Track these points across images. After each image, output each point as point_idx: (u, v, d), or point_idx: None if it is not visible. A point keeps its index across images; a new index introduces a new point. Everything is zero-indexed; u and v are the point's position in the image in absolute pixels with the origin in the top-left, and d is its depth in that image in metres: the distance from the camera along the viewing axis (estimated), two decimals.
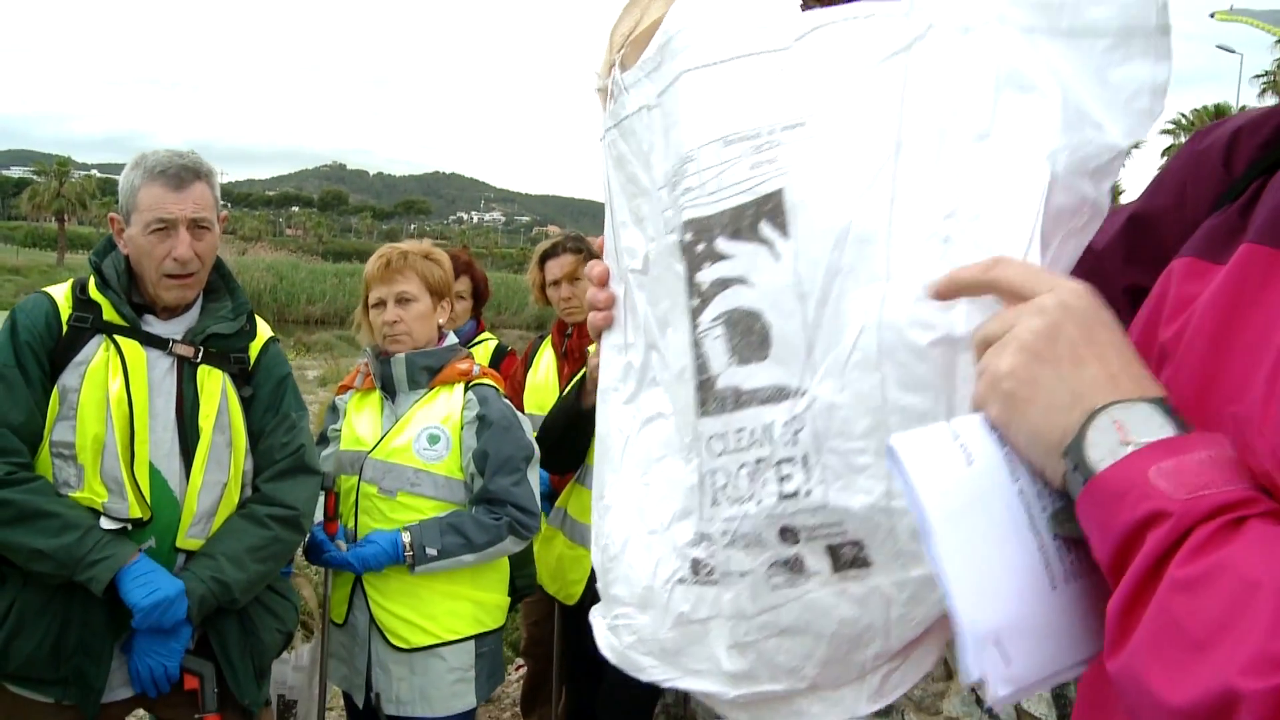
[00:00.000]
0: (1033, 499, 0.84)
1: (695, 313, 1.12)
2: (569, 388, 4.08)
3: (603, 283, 1.29)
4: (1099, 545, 0.78)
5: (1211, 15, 0.97)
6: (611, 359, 1.28)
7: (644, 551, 1.19)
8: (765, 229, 1.04)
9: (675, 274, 1.15)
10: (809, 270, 1.01)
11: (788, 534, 1.03)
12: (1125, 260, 1.12)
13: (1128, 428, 0.78)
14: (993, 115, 0.95)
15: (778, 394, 1.03)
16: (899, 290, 0.95)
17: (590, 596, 3.99)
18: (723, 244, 1.08)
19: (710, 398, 1.10)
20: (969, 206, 0.94)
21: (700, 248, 1.11)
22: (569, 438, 3.94)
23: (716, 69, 1.12)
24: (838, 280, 0.99)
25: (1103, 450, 0.77)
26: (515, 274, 61.61)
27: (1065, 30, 0.94)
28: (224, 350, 3.11)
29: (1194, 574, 0.69)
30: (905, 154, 0.98)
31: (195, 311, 3.13)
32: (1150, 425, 0.78)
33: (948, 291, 0.91)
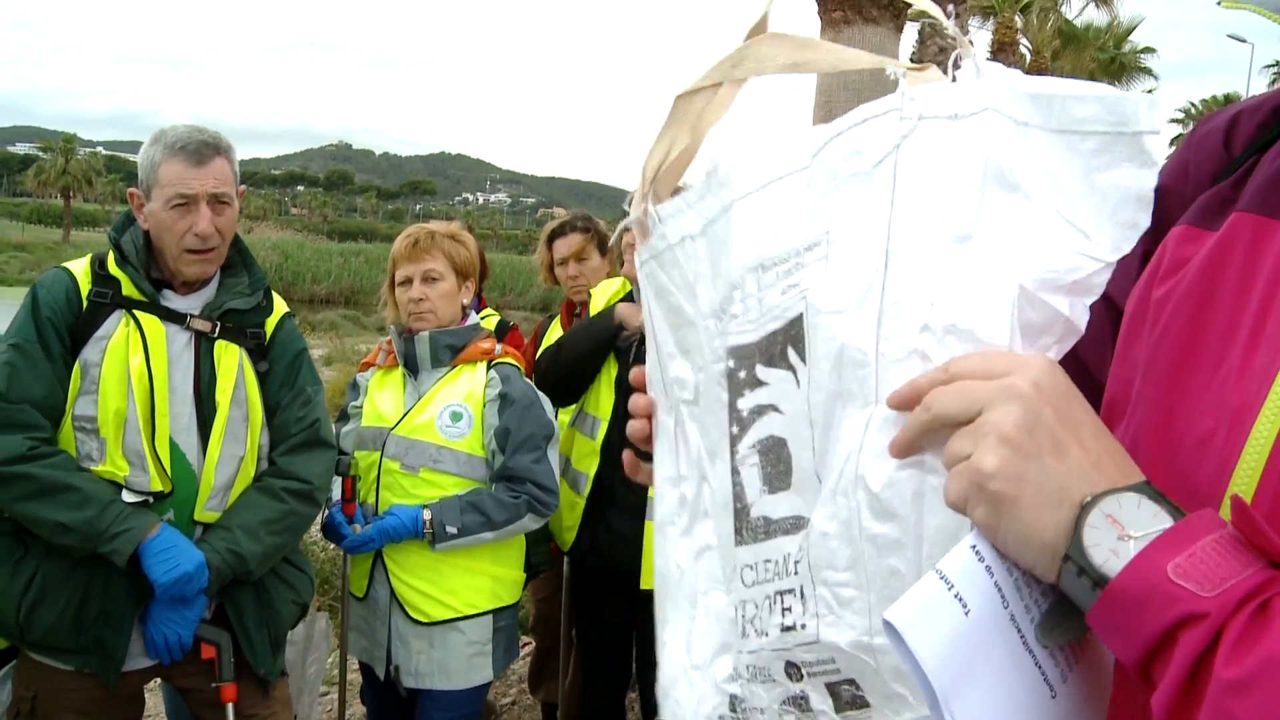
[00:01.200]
0: (1022, 616, 0.82)
1: (735, 440, 1.10)
2: (598, 314, 4.13)
3: (646, 415, 1.27)
4: (1122, 649, 0.77)
5: (1218, 2, 0.99)
6: (666, 492, 1.25)
7: (689, 688, 1.17)
8: (791, 355, 1.02)
9: (720, 403, 1.13)
10: (816, 396, 0.98)
11: (792, 670, 1.02)
12: None
13: (1123, 521, 0.77)
14: (976, 215, 0.92)
15: (796, 524, 1.01)
16: (882, 414, 0.92)
17: (583, 546, 4.07)
18: (760, 370, 1.07)
19: (745, 526, 1.08)
20: (943, 319, 0.90)
21: (742, 375, 1.10)
22: (582, 365, 4.04)
23: (759, 194, 1.11)
24: (838, 406, 0.97)
25: (1104, 550, 0.76)
26: (521, 255, 61.56)
27: (1056, 127, 0.92)
28: (241, 325, 3.14)
29: (1245, 674, 0.69)
30: (893, 264, 0.95)
31: (213, 287, 3.16)
32: (1144, 515, 0.77)
33: (909, 403, 0.88)
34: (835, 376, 0.96)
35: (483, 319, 5.17)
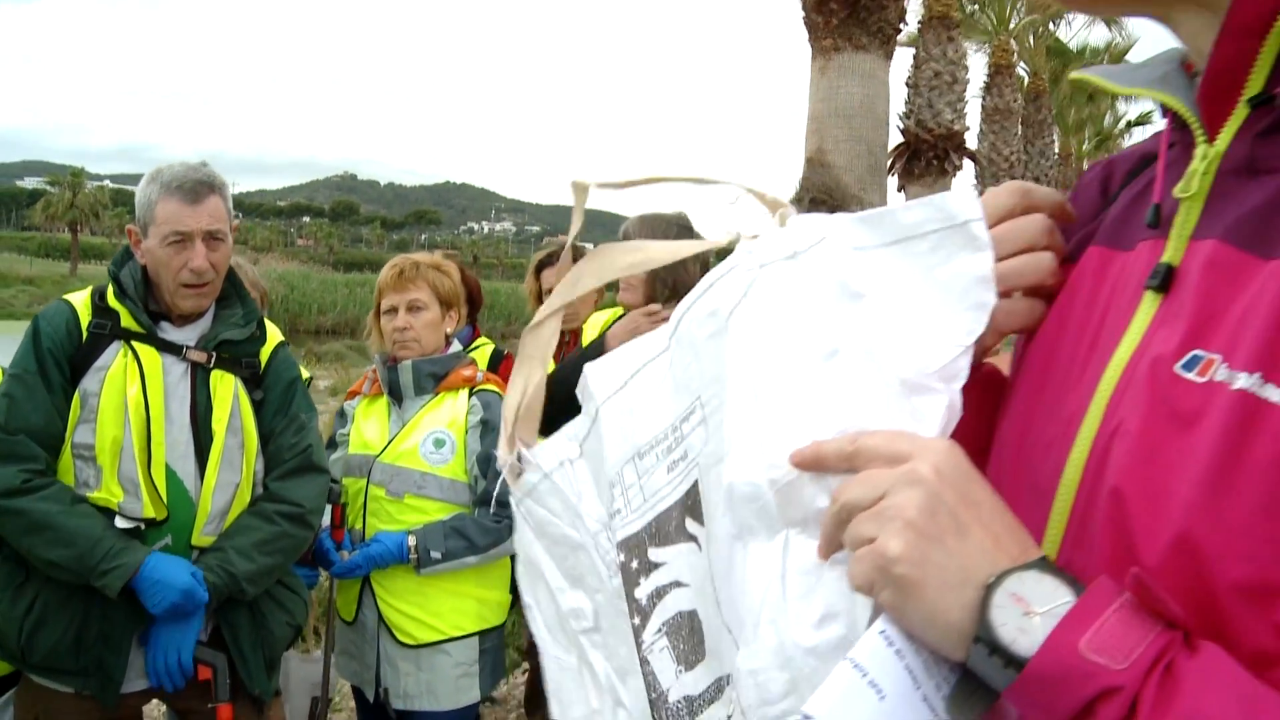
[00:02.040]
0: (933, 695, 0.84)
1: (638, 632, 1.11)
2: (589, 345, 4.21)
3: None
4: None
5: (1073, 79, 1.07)
6: None
7: None
8: (689, 524, 1.04)
9: (622, 614, 1.13)
10: (718, 549, 1.00)
11: None
12: None
13: (1027, 598, 0.80)
14: (837, 331, 0.96)
15: (719, 688, 1.02)
16: (796, 531, 0.94)
17: None
18: (654, 553, 1.08)
19: (666, 717, 1.08)
20: (829, 427, 0.92)
21: (634, 565, 1.10)
22: (576, 398, 4.08)
23: (623, 392, 1.16)
24: (739, 547, 0.98)
25: (1012, 629, 0.79)
26: None
27: (890, 240, 0.97)
28: (236, 355, 3.24)
29: None
30: (763, 397, 0.98)
31: (208, 319, 3.26)
32: (1045, 590, 0.80)
33: (812, 463, 0.92)
34: (730, 519, 0.98)
35: (477, 348, 5.29)
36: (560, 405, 4.34)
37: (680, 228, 4.07)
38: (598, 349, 4.10)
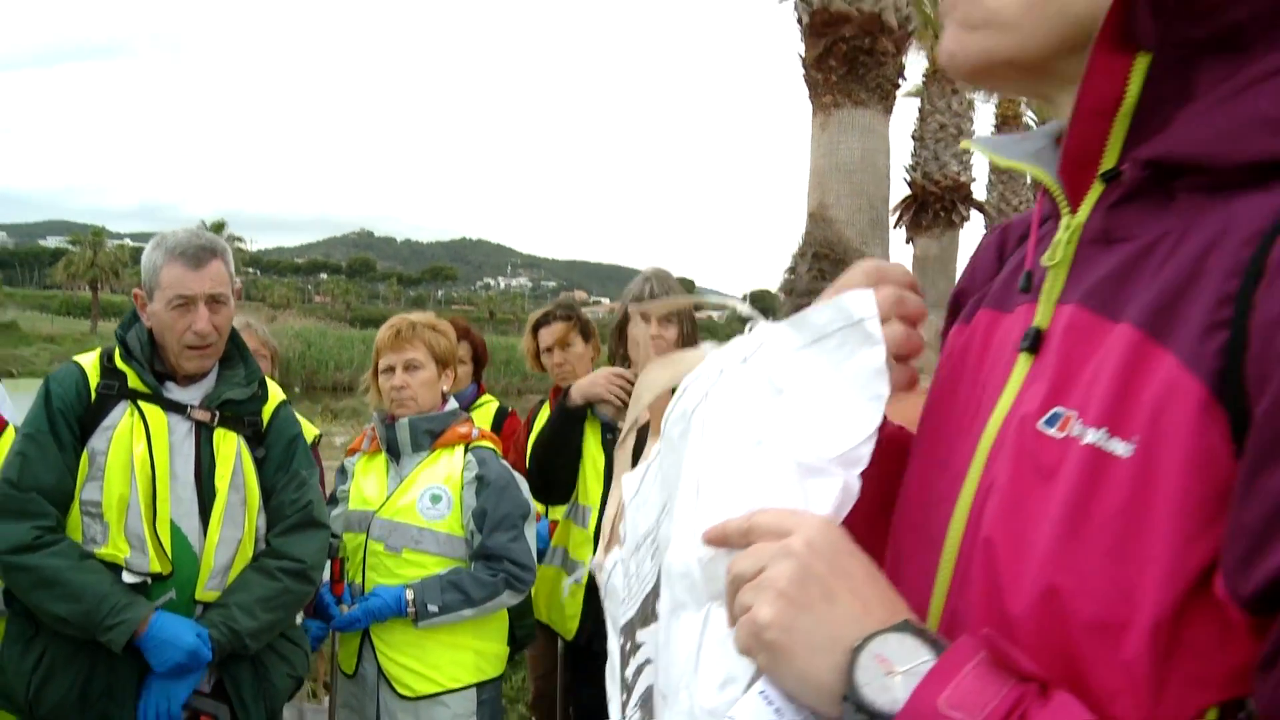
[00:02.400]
0: None
1: (624, 707, 1.19)
2: (560, 397, 4.32)
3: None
4: None
5: (962, 148, 1.17)
6: None
7: None
8: (658, 605, 1.13)
9: (618, 690, 1.22)
10: (661, 622, 1.09)
11: None
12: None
13: (890, 659, 0.85)
14: (765, 423, 1.05)
15: None
16: (717, 612, 1.02)
17: (586, 632, 4.21)
18: (639, 634, 1.18)
19: None
20: (745, 510, 1.00)
21: (628, 646, 1.20)
22: (557, 453, 4.19)
23: (640, 490, 1.27)
24: (674, 621, 1.06)
25: (875, 688, 0.84)
26: None
27: (810, 340, 1.06)
28: (238, 414, 3.35)
29: None
30: (704, 487, 1.07)
31: (212, 378, 3.38)
32: (907, 651, 0.86)
33: (719, 540, 1.00)
34: (669, 595, 1.08)
35: (481, 405, 5.40)
36: (547, 464, 4.42)
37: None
38: (563, 399, 4.21)
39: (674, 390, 1.25)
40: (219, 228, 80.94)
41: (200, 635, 3.09)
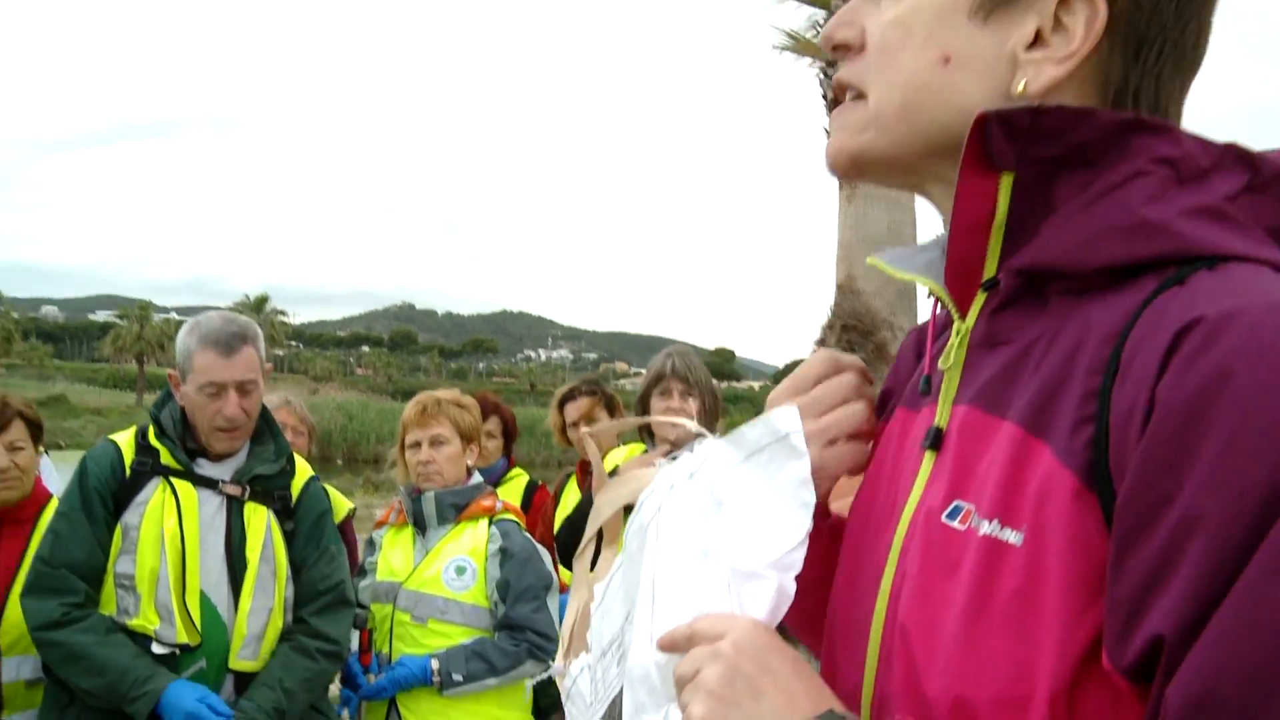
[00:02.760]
0: None
1: None
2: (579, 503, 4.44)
3: None
4: None
5: (869, 264, 1.26)
6: None
7: None
8: (624, 709, 1.18)
9: None
10: None
11: None
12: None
13: None
14: (708, 534, 1.13)
15: None
16: (674, 714, 1.08)
17: None
18: None
19: None
20: (691, 616, 1.08)
21: None
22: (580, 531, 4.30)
23: (604, 598, 1.35)
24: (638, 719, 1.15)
25: None
26: None
27: (745, 455, 1.16)
28: (268, 489, 3.49)
29: None
30: (659, 594, 1.16)
31: (243, 454, 3.52)
32: None
33: (669, 646, 1.08)
34: (631, 698, 1.15)
35: (512, 478, 5.52)
36: (567, 543, 4.53)
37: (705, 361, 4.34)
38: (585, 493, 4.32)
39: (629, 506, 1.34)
40: (263, 301, 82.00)
41: (205, 700, 3.20)
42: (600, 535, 1.45)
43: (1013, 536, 0.92)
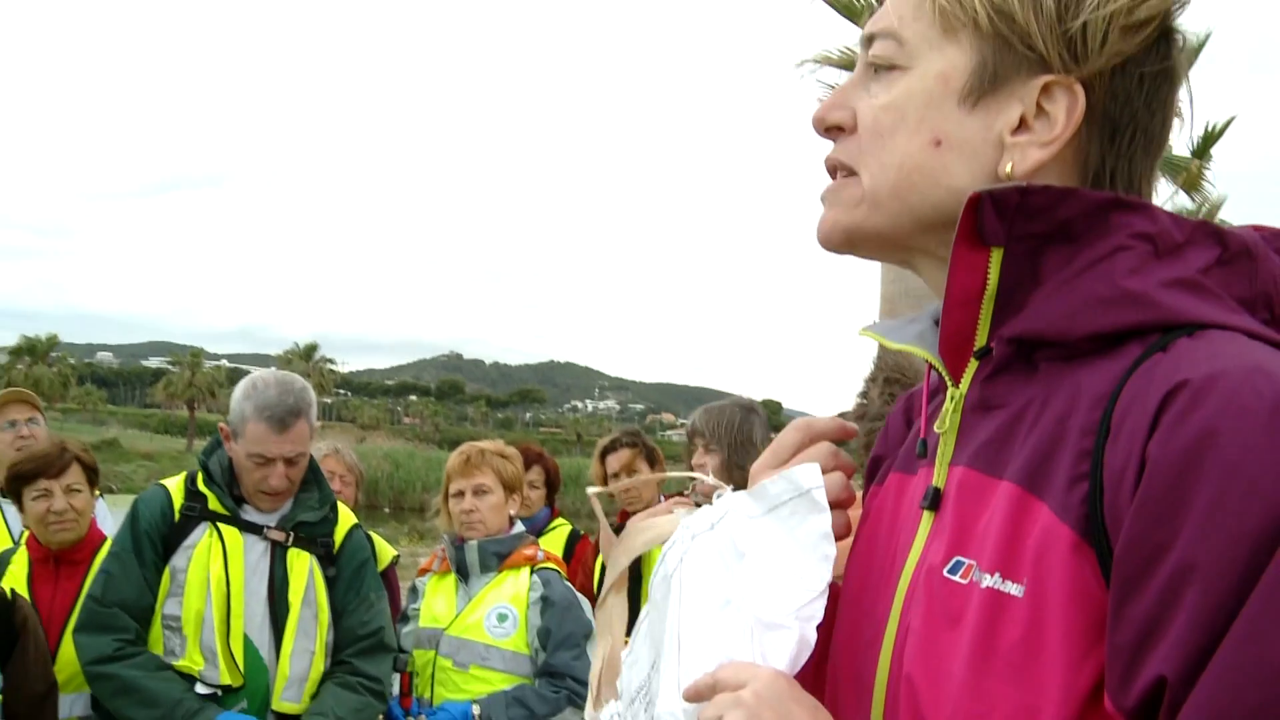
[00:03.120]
0: None
1: None
2: None
3: None
4: None
5: (860, 334, 1.31)
6: None
7: None
8: None
9: None
10: None
11: None
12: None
13: None
14: (730, 584, 1.18)
15: None
16: None
17: None
18: None
19: None
20: (715, 664, 1.13)
21: None
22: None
23: (632, 646, 1.38)
24: None
25: None
26: None
27: (767, 508, 1.19)
28: (311, 535, 3.59)
29: None
30: (684, 642, 1.20)
31: (289, 502, 3.63)
32: None
33: (694, 695, 1.13)
34: None
35: (555, 528, 5.59)
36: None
37: (744, 409, 4.39)
38: None
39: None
40: (312, 350, 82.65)
41: None
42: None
43: (1014, 589, 0.98)
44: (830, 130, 1.20)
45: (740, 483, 1.33)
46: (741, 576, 1.18)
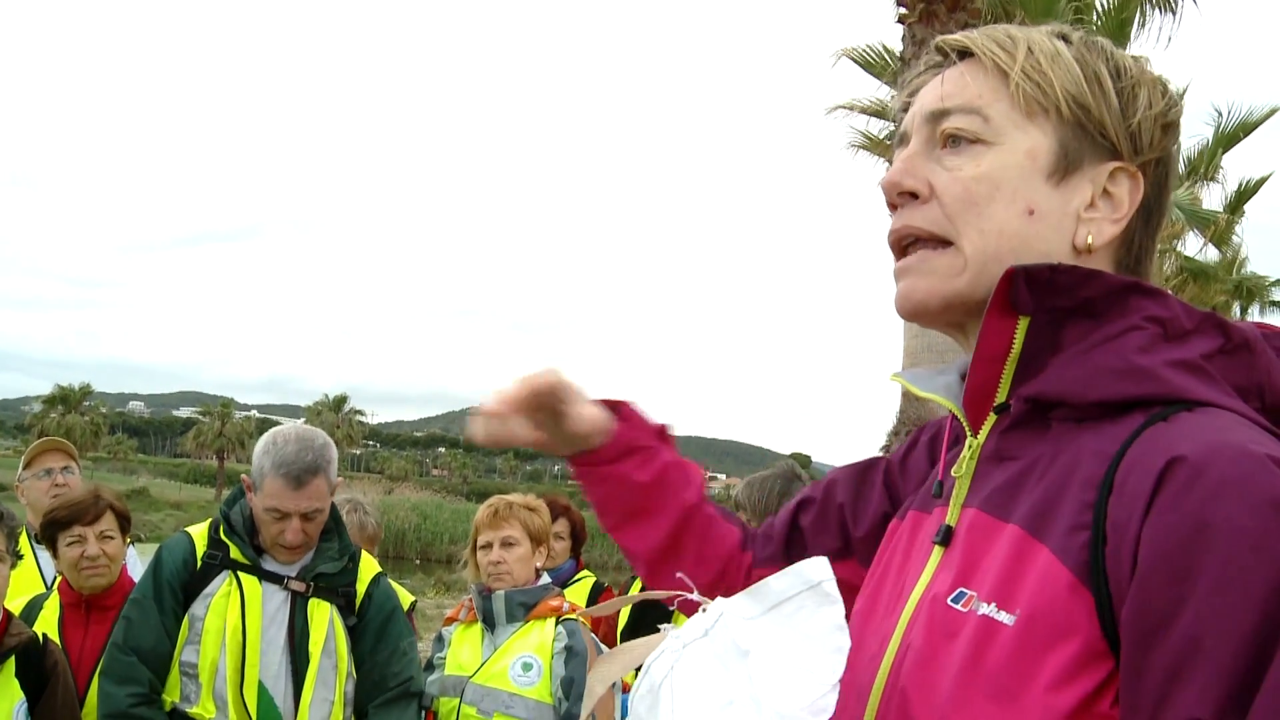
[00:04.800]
0: None
1: None
2: None
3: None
4: None
5: (890, 379, 1.41)
6: None
7: None
8: None
9: None
10: None
11: None
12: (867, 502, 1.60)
13: None
14: (733, 684, 1.16)
15: None
16: None
17: None
18: None
19: None
20: None
21: None
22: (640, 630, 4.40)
23: None
24: None
25: None
26: None
27: (769, 607, 1.19)
28: (332, 585, 3.64)
29: None
30: None
31: (310, 553, 3.67)
32: None
33: None
34: None
35: (580, 579, 5.63)
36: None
37: (785, 479, 4.43)
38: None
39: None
40: (341, 401, 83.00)
41: None
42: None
43: (1006, 618, 1.07)
44: (902, 195, 1.28)
45: None
46: (746, 675, 1.18)
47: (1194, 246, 21.56)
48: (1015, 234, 1.21)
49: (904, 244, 1.29)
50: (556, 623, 4.09)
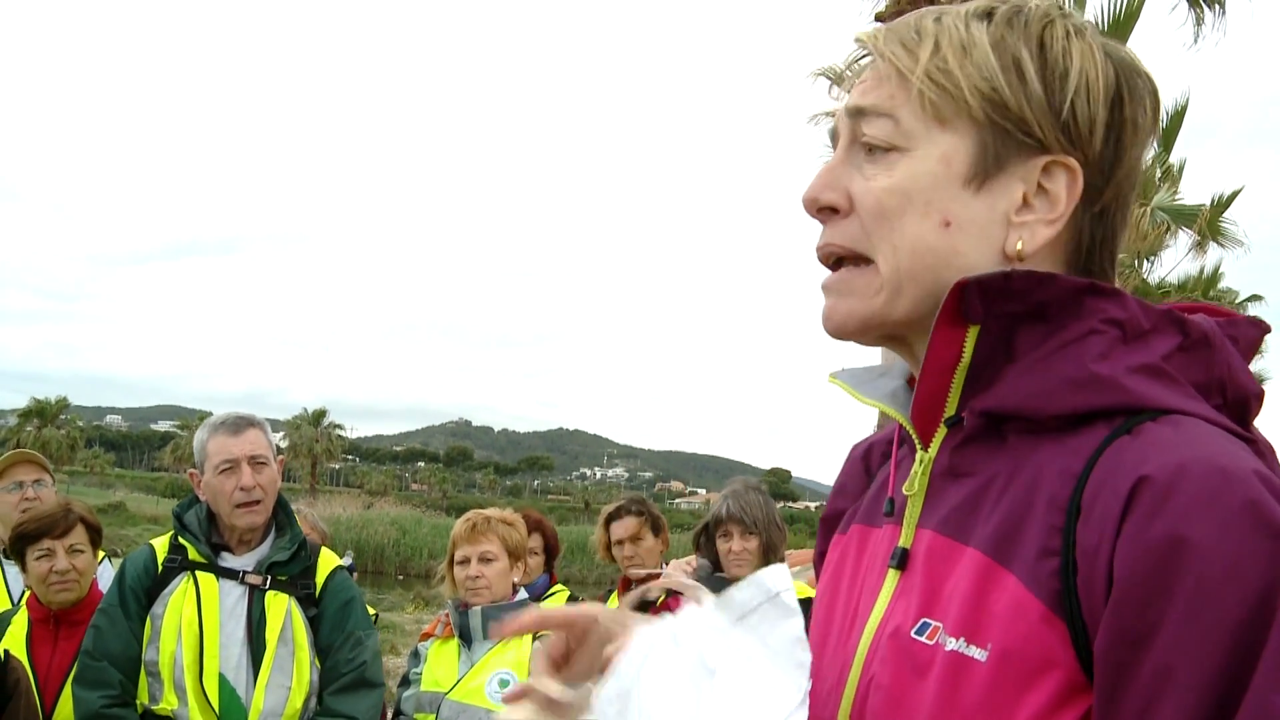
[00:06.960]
0: None
1: None
2: None
3: None
4: None
5: (829, 381, 1.30)
6: None
7: None
8: None
9: None
10: None
11: None
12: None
13: None
14: (701, 707, 1.12)
15: None
16: None
17: None
18: None
19: None
20: None
21: None
22: None
23: None
24: None
25: None
26: None
27: (736, 617, 1.15)
28: (288, 575, 3.71)
29: None
30: None
31: (265, 547, 3.76)
32: None
33: None
34: None
35: (553, 595, 5.57)
36: None
37: (761, 492, 4.41)
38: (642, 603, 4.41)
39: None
40: (320, 415, 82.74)
41: None
42: None
43: (977, 653, 1.02)
44: (822, 211, 1.19)
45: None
46: (714, 695, 1.14)
47: (1174, 256, 21.55)
48: (930, 249, 1.12)
49: (830, 260, 1.21)
50: (534, 639, 4.01)
